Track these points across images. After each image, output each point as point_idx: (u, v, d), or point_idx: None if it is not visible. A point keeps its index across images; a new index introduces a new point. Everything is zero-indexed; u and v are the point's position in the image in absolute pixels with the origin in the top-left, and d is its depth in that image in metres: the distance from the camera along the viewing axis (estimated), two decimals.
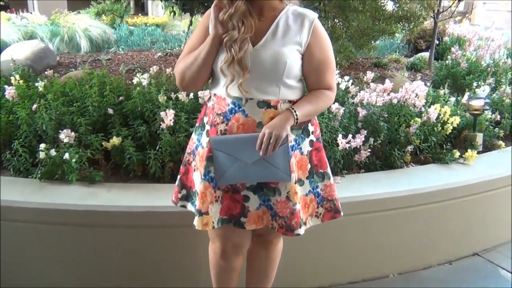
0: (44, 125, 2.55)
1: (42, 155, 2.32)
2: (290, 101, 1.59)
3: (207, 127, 1.67)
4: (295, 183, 1.64)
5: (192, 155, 1.76)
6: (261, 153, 1.52)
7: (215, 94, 1.64)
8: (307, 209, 1.71)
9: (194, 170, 1.73)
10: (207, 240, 1.88)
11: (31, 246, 2.21)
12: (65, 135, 2.37)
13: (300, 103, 1.60)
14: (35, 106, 2.64)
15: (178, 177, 1.82)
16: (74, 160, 2.32)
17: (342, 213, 1.78)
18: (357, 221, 2.40)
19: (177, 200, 1.82)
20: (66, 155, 2.30)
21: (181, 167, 1.82)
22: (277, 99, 1.57)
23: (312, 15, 1.59)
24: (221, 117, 1.60)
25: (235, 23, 1.51)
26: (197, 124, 1.77)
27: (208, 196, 1.65)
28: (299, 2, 1.65)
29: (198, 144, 1.72)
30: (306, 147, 1.67)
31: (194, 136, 1.76)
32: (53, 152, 2.32)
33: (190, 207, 1.79)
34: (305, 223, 1.70)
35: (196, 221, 1.67)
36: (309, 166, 1.68)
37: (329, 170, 1.75)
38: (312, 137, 1.68)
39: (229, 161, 1.57)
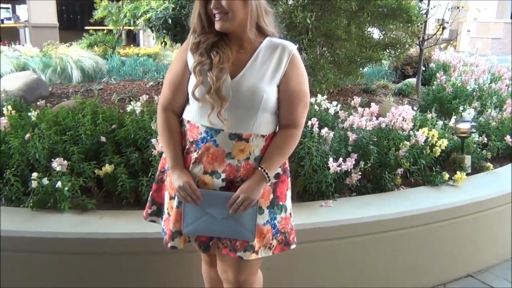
0: (37, 154, 2.56)
1: (34, 184, 2.33)
2: (262, 136, 1.60)
3: None
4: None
5: (164, 174, 1.77)
6: (230, 212, 1.57)
7: (188, 121, 1.65)
8: (262, 238, 1.66)
9: (166, 189, 1.75)
10: (199, 264, 1.93)
11: (23, 275, 2.18)
12: (58, 164, 2.38)
13: (271, 156, 1.61)
14: (28, 135, 2.65)
15: (150, 193, 1.84)
16: (66, 188, 2.32)
17: (292, 246, 1.74)
18: (348, 244, 2.41)
19: (146, 215, 1.85)
20: (59, 184, 2.30)
21: (153, 184, 1.84)
22: (250, 133, 1.58)
23: (291, 46, 1.60)
24: (194, 145, 1.63)
25: (203, 51, 1.55)
26: None
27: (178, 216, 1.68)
28: (278, 34, 1.64)
29: None
30: (271, 179, 1.65)
31: None
32: (45, 180, 2.32)
33: (160, 222, 1.81)
34: (256, 252, 1.65)
35: (178, 242, 1.69)
36: (271, 196, 1.67)
37: (288, 203, 1.72)
38: (279, 170, 1.67)
39: (198, 213, 1.62)
